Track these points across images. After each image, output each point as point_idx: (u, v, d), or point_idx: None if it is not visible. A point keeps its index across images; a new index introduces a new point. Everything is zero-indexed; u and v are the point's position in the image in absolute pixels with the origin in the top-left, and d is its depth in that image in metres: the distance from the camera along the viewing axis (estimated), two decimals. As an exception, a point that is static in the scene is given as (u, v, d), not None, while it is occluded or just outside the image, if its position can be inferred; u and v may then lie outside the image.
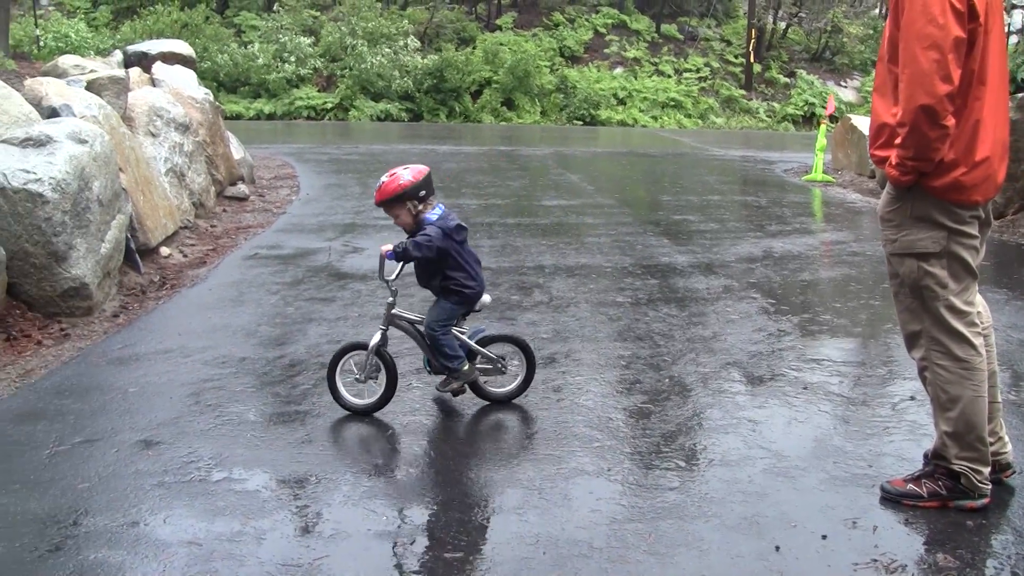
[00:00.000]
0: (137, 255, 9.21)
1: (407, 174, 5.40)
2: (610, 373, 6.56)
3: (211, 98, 14.35)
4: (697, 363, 6.80)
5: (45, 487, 4.72)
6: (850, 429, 5.55)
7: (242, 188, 14.42)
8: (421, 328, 5.69)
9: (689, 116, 40.73)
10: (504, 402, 5.90)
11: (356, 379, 5.67)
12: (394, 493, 4.71)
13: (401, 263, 5.46)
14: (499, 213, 13.35)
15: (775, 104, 43.14)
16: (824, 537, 4.25)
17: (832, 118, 23.94)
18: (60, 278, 7.64)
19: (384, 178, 5.40)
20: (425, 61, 37.64)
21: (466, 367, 5.64)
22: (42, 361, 6.81)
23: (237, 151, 15.30)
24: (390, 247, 5.34)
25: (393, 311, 5.64)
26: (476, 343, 5.77)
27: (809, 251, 11.20)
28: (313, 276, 9.30)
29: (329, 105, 36.08)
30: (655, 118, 39.90)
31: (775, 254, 10.81)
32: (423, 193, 5.43)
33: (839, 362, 6.88)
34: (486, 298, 5.79)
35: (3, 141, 7.89)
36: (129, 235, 9.07)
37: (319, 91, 36.88)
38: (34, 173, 7.54)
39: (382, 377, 5.66)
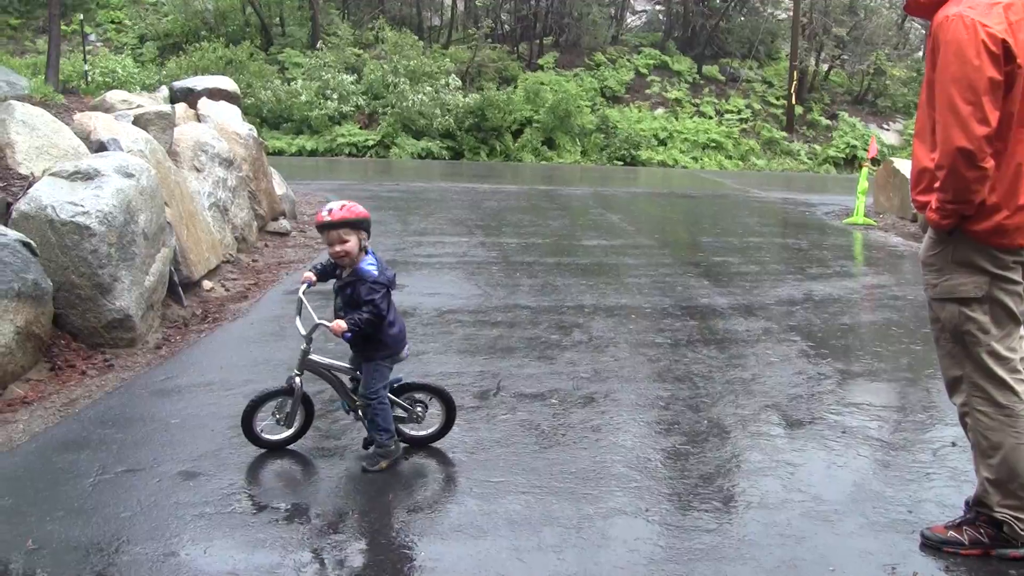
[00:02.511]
0: (180, 288, 9.31)
1: (359, 207, 5.31)
2: (649, 414, 6.56)
3: (255, 134, 14.49)
4: (736, 405, 6.79)
5: (88, 515, 4.78)
6: (890, 474, 5.53)
7: (284, 223, 14.55)
8: (339, 373, 5.62)
9: (730, 157, 40.63)
10: (420, 445, 5.82)
11: (276, 421, 5.63)
12: (433, 529, 4.73)
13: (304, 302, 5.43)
14: (539, 252, 13.38)
15: (816, 146, 42.94)
16: (862, 582, 4.24)
17: (874, 161, 23.82)
18: (105, 310, 7.73)
19: (345, 202, 5.28)
20: (467, 100, 37.81)
21: (393, 445, 5.52)
22: (86, 391, 6.89)
23: (279, 186, 15.44)
24: (346, 327, 5.14)
25: (310, 357, 5.55)
26: (392, 391, 5.67)
27: (850, 294, 11.15)
28: (354, 312, 9.32)
29: (371, 142, 36.28)
30: (696, 159, 39.84)
31: (815, 297, 10.77)
32: (366, 233, 5.35)
33: (879, 406, 6.84)
34: (407, 348, 5.67)
35: (52, 174, 8.02)
36: (173, 268, 9.17)
37: (361, 128, 37.11)
38: (82, 206, 7.66)
39: (299, 416, 5.69)
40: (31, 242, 7.24)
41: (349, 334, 5.17)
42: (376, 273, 5.26)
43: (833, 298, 10.77)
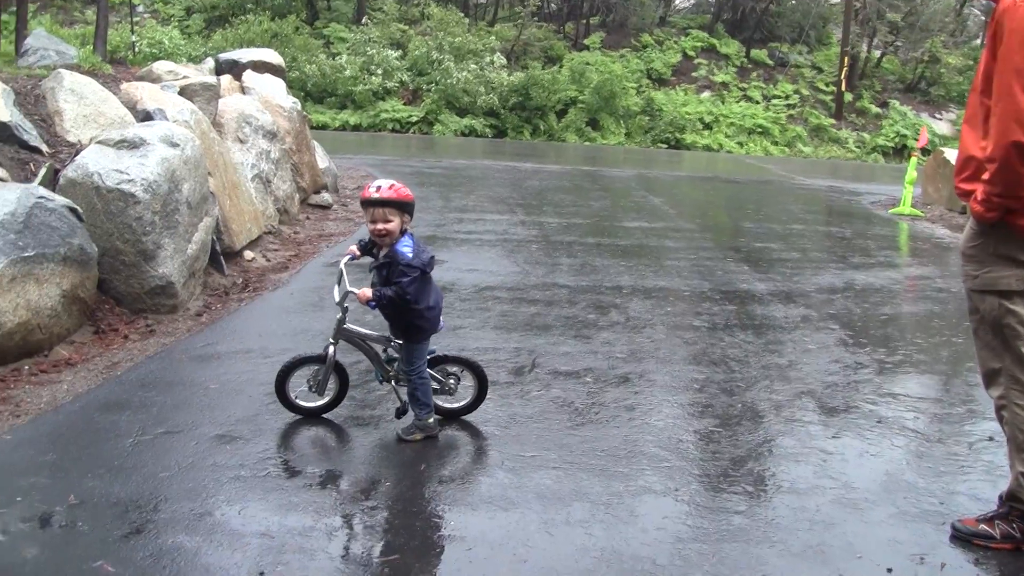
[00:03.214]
0: (222, 257, 9.41)
1: (406, 190, 5.33)
2: (683, 395, 6.59)
3: (299, 107, 14.58)
4: (771, 391, 6.79)
5: (128, 473, 4.88)
6: (923, 465, 5.52)
7: (326, 197, 14.64)
8: (373, 344, 5.69)
9: (776, 143, 40.36)
10: (453, 417, 5.88)
11: (309, 388, 5.72)
12: (463, 500, 4.79)
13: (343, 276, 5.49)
14: (579, 232, 13.40)
15: (865, 135, 42.50)
16: (890, 571, 4.25)
17: (924, 151, 23.60)
18: (148, 276, 7.85)
19: (394, 182, 5.31)
20: (511, 78, 37.78)
21: (431, 419, 5.59)
22: (128, 355, 7.01)
23: (322, 160, 15.52)
24: (370, 295, 5.22)
25: (345, 326, 5.62)
26: (427, 361, 5.71)
27: (892, 285, 11.09)
28: (393, 285, 9.38)
29: (414, 118, 36.36)
30: (741, 144, 39.62)
31: (857, 286, 10.72)
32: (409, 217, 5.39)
33: (916, 398, 6.82)
34: (442, 321, 5.70)
35: (99, 142, 8.12)
36: (215, 238, 9.28)
37: (405, 104, 37.18)
38: (127, 174, 7.76)
39: (331, 385, 5.77)
40: (77, 208, 7.36)
41: (373, 303, 5.25)
42: (410, 256, 5.26)
43: (875, 288, 10.72)
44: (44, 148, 8.25)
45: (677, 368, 7.20)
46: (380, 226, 5.26)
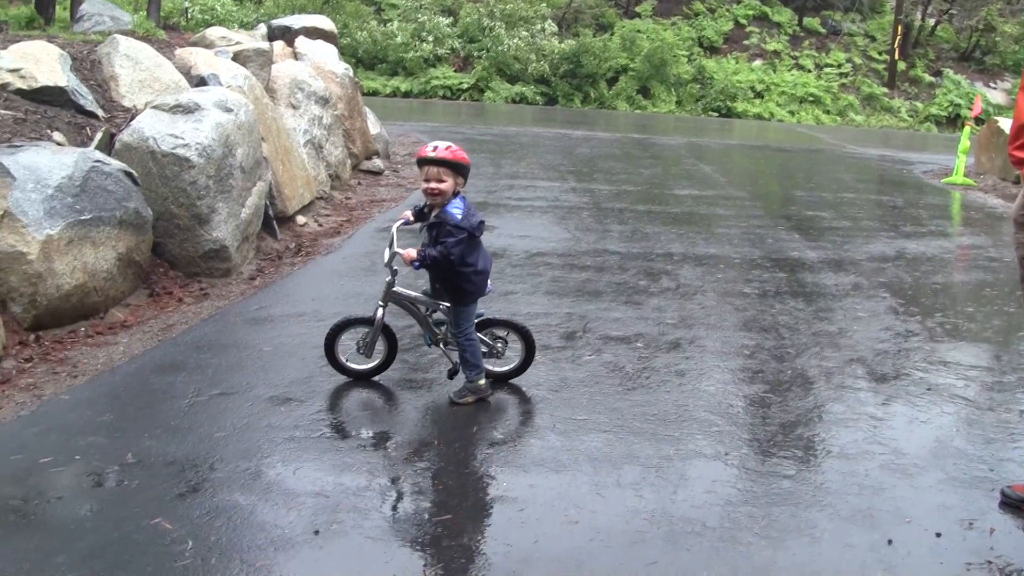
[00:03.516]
0: (274, 222, 9.49)
1: (462, 153, 5.38)
2: (733, 361, 6.59)
3: (350, 73, 14.61)
4: (821, 357, 6.77)
5: (184, 433, 4.96)
6: (973, 432, 5.51)
7: (377, 163, 14.69)
8: (421, 306, 5.72)
9: (828, 112, 39.94)
10: (501, 381, 5.92)
11: (357, 349, 5.77)
12: (515, 461, 4.84)
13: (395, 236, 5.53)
14: (630, 199, 13.36)
15: (918, 104, 41.93)
16: (938, 535, 4.26)
17: (978, 120, 23.27)
18: (202, 240, 7.93)
19: (451, 144, 5.36)
20: (562, 46, 37.62)
21: (482, 381, 5.64)
22: (183, 317, 7.10)
23: (373, 126, 15.56)
24: (415, 255, 5.30)
25: (394, 289, 5.66)
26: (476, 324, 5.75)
27: (944, 254, 10.99)
28: (444, 251, 9.41)
29: (465, 85, 36.33)
30: (792, 113, 39.24)
31: (908, 255, 10.63)
32: (463, 180, 5.43)
33: (967, 366, 6.77)
34: (490, 285, 5.75)
35: (154, 107, 8.20)
36: (267, 202, 9.35)
37: (455, 71, 37.15)
38: (182, 138, 7.83)
39: (379, 348, 5.81)
40: (133, 172, 7.45)
41: (417, 263, 5.31)
42: (459, 217, 5.32)
43: (926, 257, 10.62)
44: (100, 113, 8.34)
45: (727, 334, 7.20)
46: (433, 185, 5.32)
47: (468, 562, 3.88)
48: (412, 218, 5.59)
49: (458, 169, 5.34)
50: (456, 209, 5.33)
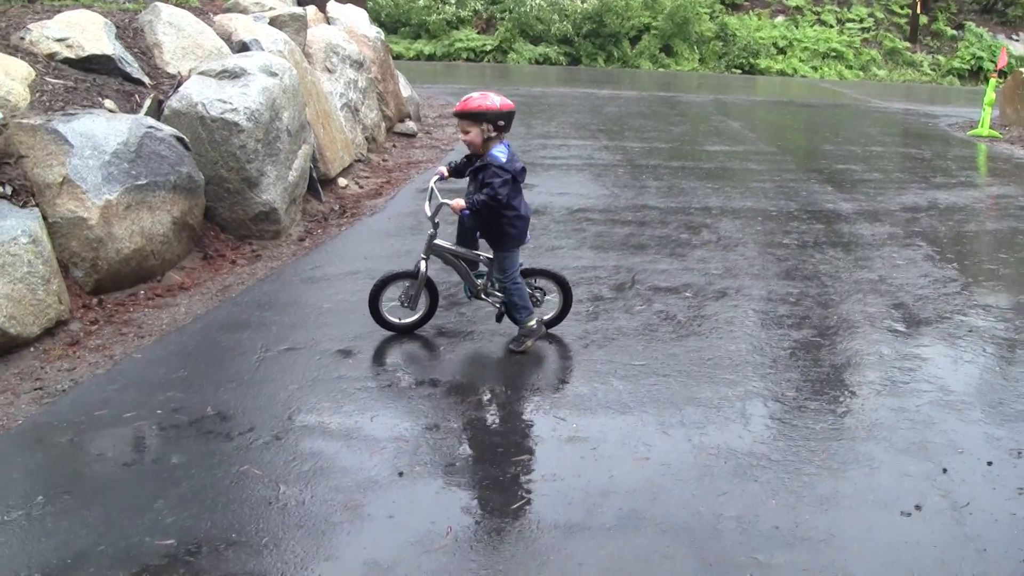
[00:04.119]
0: (318, 184, 9.62)
1: (496, 100, 5.53)
2: (780, 308, 6.73)
3: (382, 37, 14.69)
4: (864, 303, 6.91)
5: (259, 387, 5.13)
6: (1016, 370, 5.69)
7: (410, 125, 14.78)
8: (462, 258, 5.87)
9: (850, 67, 39.66)
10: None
11: (401, 304, 5.91)
12: (582, 404, 5.00)
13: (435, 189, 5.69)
14: (663, 156, 13.43)
15: (940, 57, 41.58)
16: (990, 464, 4.46)
17: (1002, 73, 23.14)
18: (252, 203, 8.08)
19: (474, 95, 5.55)
20: (584, 5, 37.40)
21: (533, 322, 5.80)
22: (238, 278, 7.26)
23: (405, 89, 15.63)
24: (463, 204, 5.47)
25: (436, 242, 5.80)
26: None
27: (974, 203, 11.04)
28: (486, 209, 9.51)
29: (488, 47, 36.20)
30: (815, 68, 39.00)
31: (940, 205, 10.70)
32: (501, 123, 5.55)
33: (1005, 308, 6.92)
34: (529, 235, 5.88)
35: (201, 73, 8.33)
36: (312, 165, 9.47)
37: (478, 33, 37.04)
38: (230, 103, 7.96)
39: (422, 300, 5.96)
40: (184, 137, 7.57)
41: (467, 211, 5.49)
42: (503, 160, 5.51)
43: (958, 206, 10.69)
44: (146, 80, 8.46)
45: (772, 283, 7.33)
46: (462, 136, 5.62)
47: (549, 496, 4.05)
48: (447, 173, 5.78)
49: (474, 117, 5.52)
50: (500, 153, 5.54)
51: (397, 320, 6.02)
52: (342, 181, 10.44)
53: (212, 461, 4.29)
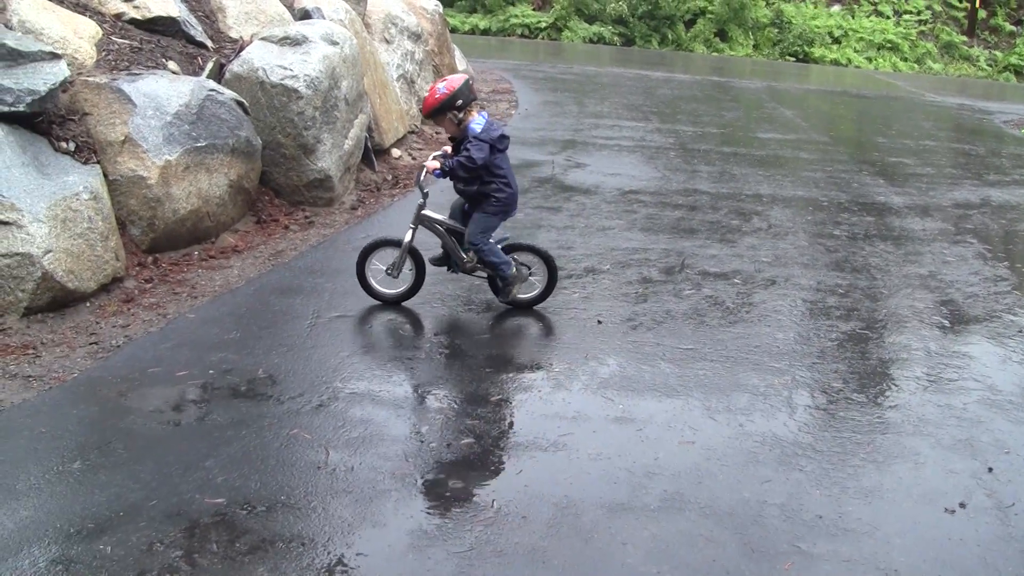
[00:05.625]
0: (372, 154, 9.68)
1: (442, 87, 5.59)
2: (829, 299, 6.71)
3: (440, 9, 14.73)
4: (913, 298, 6.88)
5: (309, 352, 5.20)
6: (1066, 372, 5.64)
7: (464, 99, 14.77)
8: (449, 230, 5.89)
9: (905, 60, 39.27)
10: (526, 308, 6.08)
11: (387, 273, 5.93)
12: (629, 386, 5.03)
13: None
14: (715, 141, 13.41)
15: (998, 53, 41.13)
16: (1038, 466, 4.43)
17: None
18: (307, 169, 8.15)
19: (426, 95, 5.62)
20: (641, -14, 37.35)
21: (513, 270, 5.86)
22: (291, 244, 7.34)
23: (459, 63, 15.67)
24: (437, 165, 5.56)
25: (424, 212, 5.83)
26: (500, 249, 5.91)
27: (1029, 202, 10.98)
28: (539, 187, 9.61)
29: (543, 24, 36.15)
30: (870, 59, 38.67)
31: (993, 203, 10.61)
32: (460, 103, 5.58)
33: (1058, 310, 6.88)
34: (516, 208, 5.91)
35: (263, 39, 8.40)
36: (367, 135, 9.53)
37: (534, 10, 36.98)
38: (291, 70, 8.03)
39: (407, 271, 5.97)
40: (244, 101, 7.65)
41: (439, 172, 5.58)
42: (478, 131, 5.58)
43: (1011, 205, 10.60)
44: (209, 43, 8.54)
45: (821, 274, 7.31)
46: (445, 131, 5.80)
47: (595, 474, 4.09)
48: (450, 152, 5.84)
49: (437, 113, 5.66)
50: (476, 124, 5.62)
51: (383, 289, 6.05)
52: (395, 152, 10.50)
53: (262, 423, 4.36)
